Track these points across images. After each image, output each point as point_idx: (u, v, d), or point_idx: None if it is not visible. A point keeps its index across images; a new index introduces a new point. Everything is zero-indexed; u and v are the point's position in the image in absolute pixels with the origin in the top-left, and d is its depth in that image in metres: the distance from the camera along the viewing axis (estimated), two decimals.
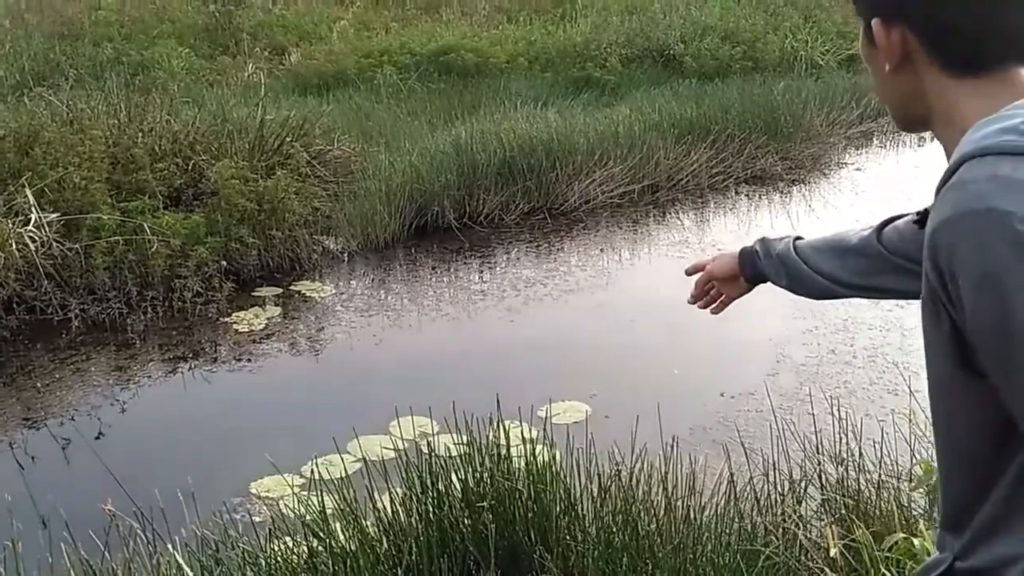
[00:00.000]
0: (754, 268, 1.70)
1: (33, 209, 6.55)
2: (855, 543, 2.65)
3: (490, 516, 3.09)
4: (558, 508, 3.17)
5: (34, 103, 8.34)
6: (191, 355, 5.97)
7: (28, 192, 6.58)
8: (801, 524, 3.43)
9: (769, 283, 1.70)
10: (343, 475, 4.35)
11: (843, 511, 3.33)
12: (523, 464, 3.32)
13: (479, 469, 3.25)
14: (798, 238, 1.66)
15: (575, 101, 11.27)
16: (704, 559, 2.89)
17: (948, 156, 1.00)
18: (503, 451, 3.30)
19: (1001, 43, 0.97)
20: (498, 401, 3.54)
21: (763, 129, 10.52)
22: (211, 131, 8.24)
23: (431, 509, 3.17)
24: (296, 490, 4.53)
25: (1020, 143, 0.88)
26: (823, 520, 3.51)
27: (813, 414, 4.77)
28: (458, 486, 3.23)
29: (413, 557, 2.89)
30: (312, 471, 4.66)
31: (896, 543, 2.42)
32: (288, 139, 8.33)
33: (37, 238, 6.48)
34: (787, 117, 10.80)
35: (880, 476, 3.59)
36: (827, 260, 1.57)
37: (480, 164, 8.58)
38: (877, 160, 11.49)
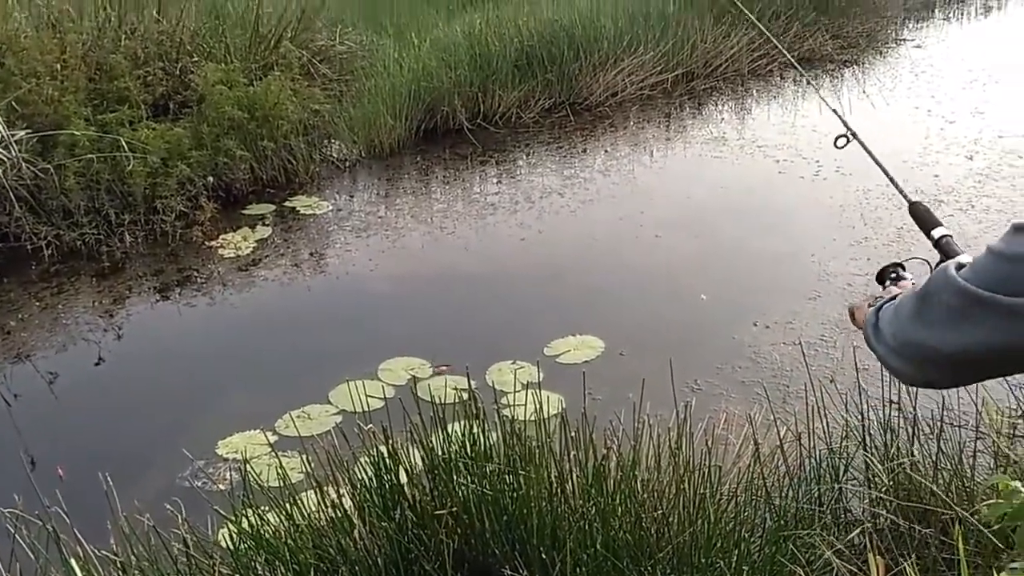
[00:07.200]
0: None
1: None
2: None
3: (451, 522, 2.53)
4: (539, 507, 2.59)
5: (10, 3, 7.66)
6: (169, 287, 5.43)
7: None
8: (838, 512, 2.85)
9: None
10: (320, 432, 3.92)
11: (897, 500, 2.69)
12: (502, 443, 2.74)
13: (445, 469, 2.66)
14: None
15: None
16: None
17: None
18: (478, 441, 2.70)
19: None
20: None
21: (812, 3, 9.54)
22: (204, 29, 7.54)
23: (388, 525, 2.59)
24: (262, 454, 4.10)
25: None
26: (864, 503, 2.91)
27: (858, 347, 4.13)
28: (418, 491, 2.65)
29: None
30: (287, 424, 4.20)
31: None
32: (287, 34, 7.60)
33: (6, 158, 5.94)
34: None
35: (957, 443, 2.88)
36: None
37: (495, 56, 7.78)
38: (938, 34, 10.42)
